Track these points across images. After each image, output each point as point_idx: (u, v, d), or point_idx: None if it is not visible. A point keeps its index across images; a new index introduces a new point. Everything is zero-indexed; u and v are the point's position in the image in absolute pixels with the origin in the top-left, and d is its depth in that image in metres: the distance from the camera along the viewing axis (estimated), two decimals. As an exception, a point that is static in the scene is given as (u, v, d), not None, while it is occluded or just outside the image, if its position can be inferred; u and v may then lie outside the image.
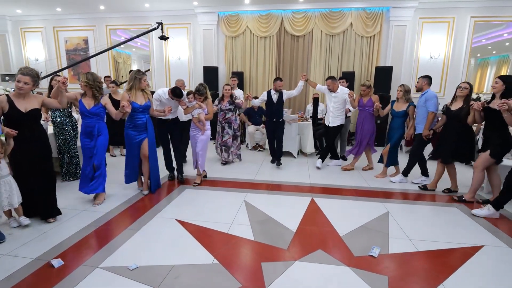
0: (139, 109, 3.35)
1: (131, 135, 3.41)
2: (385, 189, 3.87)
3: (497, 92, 3.07)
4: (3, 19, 7.76)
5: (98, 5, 6.84)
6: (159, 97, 3.76)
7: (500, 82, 3.04)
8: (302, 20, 6.69)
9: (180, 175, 4.06)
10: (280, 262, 2.24)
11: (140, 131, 3.41)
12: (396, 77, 6.43)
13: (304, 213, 3.08)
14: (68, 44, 7.90)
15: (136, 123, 3.39)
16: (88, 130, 3.09)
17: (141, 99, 3.37)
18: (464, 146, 3.46)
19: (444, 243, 2.56)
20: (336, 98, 4.57)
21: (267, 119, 4.90)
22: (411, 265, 2.23)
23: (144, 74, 3.39)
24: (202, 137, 3.88)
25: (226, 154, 4.89)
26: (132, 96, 3.30)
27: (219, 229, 2.72)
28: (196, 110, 3.81)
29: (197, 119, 3.83)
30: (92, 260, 2.20)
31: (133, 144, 3.43)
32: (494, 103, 3.07)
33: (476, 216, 3.07)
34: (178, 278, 2.03)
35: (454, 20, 6.30)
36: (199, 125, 3.84)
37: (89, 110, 3.05)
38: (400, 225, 2.86)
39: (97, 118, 3.12)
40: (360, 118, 4.57)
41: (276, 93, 4.69)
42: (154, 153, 3.53)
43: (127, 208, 3.17)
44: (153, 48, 7.49)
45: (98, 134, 3.11)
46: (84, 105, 3.05)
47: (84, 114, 3.07)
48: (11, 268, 2.09)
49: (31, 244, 2.42)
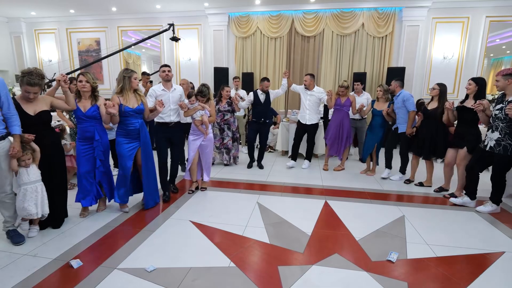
0: (131, 113, 2.93)
1: (121, 143, 2.97)
2: (399, 192, 3.81)
3: (470, 93, 3.37)
4: (18, 21, 7.92)
5: (110, 6, 6.92)
6: (153, 92, 3.36)
7: (473, 84, 3.34)
8: (313, 20, 6.65)
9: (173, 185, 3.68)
10: (297, 266, 2.23)
11: (132, 139, 2.99)
12: (409, 78, 6.35)
13: (318, 216, 3.05)
14: (81, 45, 8.01)
15: (127, 129, 2.96)
16: (87, 135, 2.83)
17: (134, 101, 2.96)
18: (440, 142, 3.75)
19: (463, 248, 2.51)
20: (311, 97, 4.62)
21: (253, 119, 4.85)
22: (431, 271, 2.19)
23: (134, 72, 3.00)
24: (207, 143, 3.61)
25: (227, 156, 4.84)
26: (125, 99, 2.91)
27: (234, 231, 2.72)
28: (199, 112, 3.50)
29: (200, 121, 3.51)
30: (110, 261, 2.23)
31: (124, 154, 2.97)
32: (467, 102, 3.38)
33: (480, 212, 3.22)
34: (195, 281, 2.03)
35: (469, 20, 6.19)
36: (202, 128, 3.53)
37: (85, 114, 2.78)
38: (417, 229, 2.81)
39: (95, 122, 2.84)
40: (338, 118, 4.62)
41: (263, 93, 4.70)
42: (150, 163, 3.14)
43: (142, 209, 3.19)
44: (164, 49, 7.55)
45: (100, 139, 2.87)
46: (80, 108, 2.78)
47: (80, 118, 2.80)
48: (31, 268, 2.12)
49: (50, 244, 2.45)
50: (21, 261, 2.21)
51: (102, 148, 2.91)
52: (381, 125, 4.31)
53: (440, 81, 3.83)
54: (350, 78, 6.68)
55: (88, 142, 2.85)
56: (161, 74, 3.40)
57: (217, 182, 4.12)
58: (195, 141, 3.59)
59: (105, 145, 2.95)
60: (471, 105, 3.25)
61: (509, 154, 2.96)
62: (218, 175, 4.40)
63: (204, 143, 3.60)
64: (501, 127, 2.99)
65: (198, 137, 3.58)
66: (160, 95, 3.35)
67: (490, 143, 3.08)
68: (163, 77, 3.40)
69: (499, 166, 3.08)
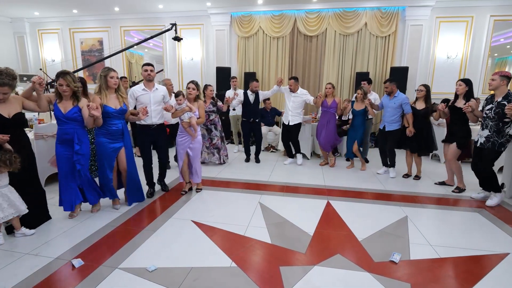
0: (114, 114, 2.89)
1: (103, 143, 2.92)
2: (402, 193, 3.79)
3: (460, 93, 3.60)
4: (21, 21, 7.97)
5: (113, 6, 6.94)
6: (133, 93, 3.25)
7: (463, 85, 3.57)
8: (316, 20, 6.63)
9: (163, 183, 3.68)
10: (299, 266, 2.21)
11: (115, 139, 2.95)
12: (412, 78, 6.31)
13: (320, 216, 3.04)
14: (84, 45, 8.04)
15: (110, 129, 2.92)
16: (66, 137, 2.70)
17: (115, 102, 2.91)
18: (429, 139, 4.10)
19: (466, 249, 2.48)
20: (295, 98, 4.73)
21: (244, 119, 4.99)
22: (434, 273, 2.17)
23: (111, 70, 2.88)
24: (195, 145, 3.49)
25: (218, 156, 4.85)
26: (103, 98, 2.84)
27: (235, 231, 2.71)
28: (187, 113, 3.36)
29: (188, 123, 3.37)
30: (111, 261, 2.22)
31: (106, 153, 2.94)
32: (458, 102, 3.62)
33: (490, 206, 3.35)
34: (197, 280, 2.02)
35: (473, 19, 6.14)
36: (190, 130, 3.40)
37: (65, 115, 2.65)
38: (420, 230, 2.79)
39: (75, 124, 2.71)
40: (324, 119, 4.78)
41: (252, 93, 4.79)
42: (132, 162, 3.13)
43: (144, 208, 3.19)
44: (166, 49, 7.56)
45: (78, 143, 2.72)
46: (60, 109, 2.65)
47: (60, 119, 2.67)
48: (33, 267, 2.13)
49: (51, 243, 2.46)
50: (23, 260, 2.22)
51: (82, 152, 2.75)
52: (361, 124, 4.60)
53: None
54: (353, 78, 6.65)
55: (67, 145, 2.72)
56: (143, 73, 3.27)
57: (218, 182, 4.12)
58: (183, 142, 3.46)
59: (86, 151, 2.82)
60: (461, 106, 3.48)
61: (497, 149, 3.25)
62: (219, 175, 4.40)
63: (193, 145, 3.48)
64: (490, 126, 3.26)
65: (187, 138, 3.46)
66: (141, 95, 3.24)
67: (480, 140, 3.35)
68: (145, 77, 3.27)
69: (488, 159, 3.33)
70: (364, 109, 4.52)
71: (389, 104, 4.27)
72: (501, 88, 3.21)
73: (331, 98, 4.71)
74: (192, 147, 3.48)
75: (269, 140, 6.05)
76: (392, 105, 4.23)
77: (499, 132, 3.23)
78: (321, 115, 4.86)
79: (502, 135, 3.23)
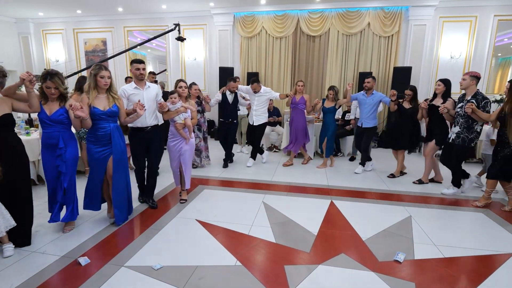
0: (102, 116, 2.57)
1: (91, 150, 2.62)
2: (406, 192, 3.78)
3: (439, 93, 3.80)
4: (26, 22, 8.02)
5: (117, 7, 6.97)
6: (124, 92, 2.94)
7: (442, 85, 3.76)
8: (319, 20, 6.63)
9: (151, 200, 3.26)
10: (303, 265, 2.22)
11: (104, 145, 2.62)
12: (415, 78, 6.29)
13: (324, 216, 3.04)
14: (87, 45, 8.09)
15: (97, 134, 2.60)
16: (51, 142, 2.47)
17: (105, 103, 2.59)
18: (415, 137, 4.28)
19: (471, 249, 2.48)
20: (259, 97, 4.69)
21: (220, 120, 4.86)
22: (438, 272, 2.17)
23: (102, 69, 2.55)
24: (187, 148, 3.25)
25: (198, 159, 4.63)
26: (91, 98, 2.54)
27: (240, 230, 2.72)
28: (182, 114, 3.14)
29: (182, 125, 3.15)
30: (117, 259, 2.24)
31: (95, 162, 2.64)
32: (436, 101, 3.81)
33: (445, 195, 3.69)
34: (202, 279, 2.04)
35: (477, 19, 6.12)
36: (184, 133, 3.17)
37: (50, 117, 2.41)
38: (424, 230, 2.79)
39: (61, 127, 2.48)
40: (295, 115, 4.81)
41: (231, 94, 4.72)
42: (123, 173, 2.73)
43: (148, 207, 3.21)
44: (170, 49, 7.58)
45: (64, 147, 2.48)
46: (45, 111, 2.42)
47: (44, 122, 2.44)
48: (41, 265, 2.15)
49: (57, 242, 2.48)
50: (30, 258, 2.24)
51: (66, 158, 2.49)
52: (331, 122, 4.73)
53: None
54: (356, 78, 6.64)
55: (51, 150, 2.49)
56: (133, 71, 2.96)
57: (222, 181, 4.13)
58: (176, 146, 3.22)
59: (71, 156, 2.55)
60: (439, 104, 3.68)
61: (466, 145, 3.44)
62: (223, 175, 4.41)
63: (185, 148, 3.24)
64: (461, 122, 3.47)
65: (179, 141, 3.22)
66: (132, 94, 2.95)
67: (452, 136, 3.55)
68: (136, 76, 2.96)
69: (458, 155, 3.55)
70: (334, 106, 4.65)
71: (367, 101, 4.41)
72: (471, 87, 3.42)
73: (299, 95, 4.76)
74: (185, 149, 3.23)
75: (272, 140, 6.07)
76: (370, 101, 4.37)
77: (469, 129, 3.42)
78: (291, 112, 4.92)
79: (472, 132, 3.42)
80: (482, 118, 3.30)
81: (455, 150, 3.53)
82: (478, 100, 3.32)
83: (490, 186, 3.32)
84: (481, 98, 3.34)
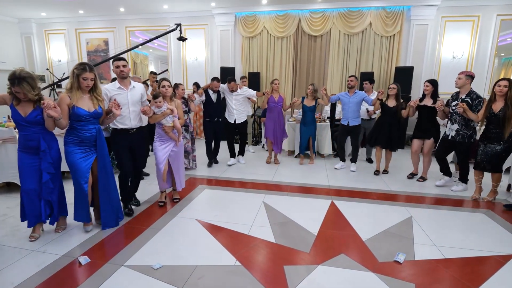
0: (86, 117, 2.44)
1: (73, 153, 2.46)
2: (406, 193, 3.77)
3: (428, 93, 3.94)
4: (29, 22, 8.06)
5: (118, 7, 6.99)
6: (107, 92, 2.78)
7: (430, 86, 3.91)
8: (320, 20, 6.62)
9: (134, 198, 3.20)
10: (303, 265, 2.22)
11: (88, 148, 2.51)
12: (417, 77, 6.26)
13: (324, 216, 3.04)
14: (89, 45, 8.12)
15: (81, 136, 2.47)
16: (31, 144, 2.35)
17: (89, 104, 2.46)
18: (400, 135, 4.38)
19: (472, 250, 2.47)
20: (237, 96, 4.76)
21: (206, 119, 4.81)
22: (439, 273, 2.16)
23: (86, 70, 2.39)
24: (179, 149, 3.19)
25: (186, 161, 4.49)
26: (73, 98, 2.40)
27: (240, 230, 2.72)
28: (169, 117, 3.04)
29: (171, 128, 3.07)
30: (117, 258, 2.25)
31: (80, 167, 2.48)
32: (426, 101, 3.96)
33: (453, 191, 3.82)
34: (201, 279, 2.04)
35: (479, 19, 6.08)
36: (173, 135, 3.09)
37: (25, 118, 2.28)
38: (425, 230, 2.78)
39: (40, 128, 2.35)
40: (273, 114, 4.85)
41: (214, 93, 4.73)
42: (110, 176, 2.65)
43: (149, 207, 3.22)
44: (171, 49, 7.59)
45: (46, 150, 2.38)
46: (19, 112, 2.27)
47: (20, 124, 2.30)
48: (41, 264, 2.16)
49: (58, 241, 2.49)
50: (31, 257, 2.25)
51: (51, 159, 2.42)
52: (312, 120, 4.80)
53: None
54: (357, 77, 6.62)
55: (32, 152, 2.37)
56: (114, 70, 2.79)
57: (223, 181, 4.14)
58: (163, 148, 3.11)
59: (55, 155, 2.48)
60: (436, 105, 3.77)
61: (467, 142, 3.57)
62: (223, 175, 4.41)
63: (176, 150, 3.16)
64: (458, 120, 3.57)
65: (167, 143, 3.12)
66: (116, 94, 2.78)
67: (452, 133, 3.65)
68: (117, 74, 2.80)
69: (462, 151, 3.68)
70: (314, 105, 4.70)
71: (351, 100, 4.53)
72: (466, 86, 3.55)
73: (277, 94, 4.82)
74: (174, 151, 3.16)
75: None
76: (354, 100, 4.51)
77: (467, 126, 3.55)
78: (268, 111, 4.91)
79: (469, 128, 3.56)
80: (471, 118, 3.44)
81: (460, 147, 3.64)
82: (472, 99, 3.48)
83: (496, 180, 3.44)
84: (475, 97, 3.48)
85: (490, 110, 3.25)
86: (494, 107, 3.23)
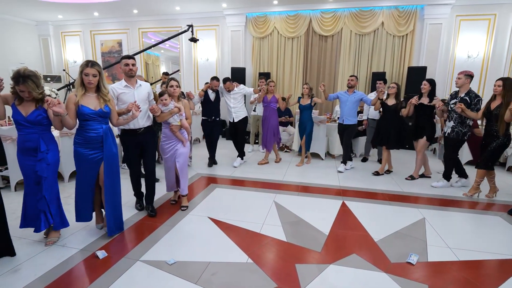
0: (92, 116, 2.35)
1: (81, 154, 2.40)
2: (419, 194, 3.73)
3: (425, 92, 4.01)
4: (46, 24, 8.31)
5: (132, 9, 7.14)
6: (113, 92, 2.76)
7: (428, 85, 3.99)
8: (331, 20, 6.59)
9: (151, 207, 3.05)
10: (314, 264, 2.23)
11: (94, 149, 2.40)
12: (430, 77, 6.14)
13: (335, 216, 3.04)
14: (104, 46, 8.31)
15: (87, 136, 2.37)
16: (29, 145, 2.26)
17: (95, 103, 2.37)
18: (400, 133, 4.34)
19: (486, 253, 2.43)
20: (235, 95, 4.78)
21: (204, 118, 4.83)
22: (452, 275, 2.14)
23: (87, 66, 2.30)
24: (183, 150, 3.09)
25: None
26: (78, 95, 2.32)
27: (251, 228, 2.75)
28: (176, 115, 2.99)
29: (178, 127, 3.00)
30: (133, 253, 2.32)
31: (85, 167, 2.42)
32: (423, 100, 4.01)
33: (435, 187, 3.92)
34: (215, 275, 2.08)
35: (495, 17, 5.94)
36: (180, 135, 3.02)
37: (26, 118, 2.22)
38: (438, 232, 2.75)
39: (40, 129, 2.29)
40: (266, 114, 4.90)
41: (213, 92, 4.74)
42: (116, 181, 2.53)
43: (162, 204, 3.29)
44: (183, 50, 7.70)
45: (46, 150, 2.30)
46: (20, 112, 2.22)
47: (20, 123, 2.24)
48: (61, 257, 2.25)
49: (77, 235, 2.58)
50: (51, 250, 2.34)
51: (48, 162, 2.30)
52: (308, 119, 4.78)
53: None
54: (369, 78, 6.57)
55: (30, 154, 2.28)
56: (123, 68, 2.77)
57: (234, 180, 4.18)
58: (171, 148, 3.06)
59: (54, 159, 2.37)
60: (436, 104, 3.88)
61: (460, 138, 3.68)
62: (234, 174, 4.46)
63: (181, 151, 3.08)
64: (455, 118, 3.69)
65: (174, 143, 3.06)
66: (123, 93, 2.77)
67: (448, 131, 3.76)
68: (126, 72, 2.78)
69: (451, 147, 3.79)
70: (310, 103, 4.70)
71: (349, 98, 4.56)
72: (465, 85, 3.65)
73: (271, 94, 4.85)
74: (180, 152, 3.06)
75: (283, 140, 6.06)
76: (352, 99, 4.55)
77: (462, 123, 3.66)
78: (263, 110, 4.97)
79: (465, 126, 3.67)
80: (470, 117, 3.56)
81: (449, 143, 3.78)
82: (471, 98, 3.58)
83: (479, 176, 3.54)
84: (473, 96, 3.59)
85: (488, 108, 3.40)
86: (492, 106, 3.38)
